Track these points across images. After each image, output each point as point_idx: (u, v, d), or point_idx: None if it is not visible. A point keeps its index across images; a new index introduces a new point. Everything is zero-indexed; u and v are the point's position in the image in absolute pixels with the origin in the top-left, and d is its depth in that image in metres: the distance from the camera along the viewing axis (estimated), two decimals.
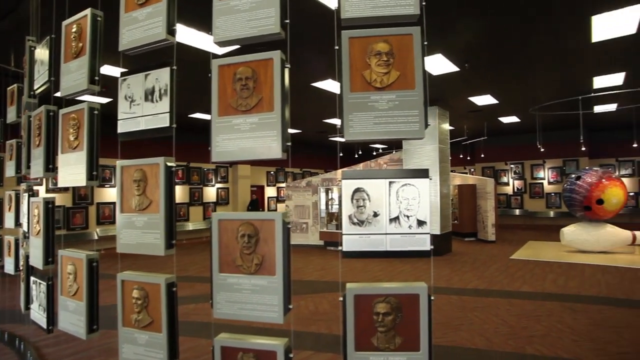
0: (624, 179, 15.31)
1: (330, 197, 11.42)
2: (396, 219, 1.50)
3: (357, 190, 1.52)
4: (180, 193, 12.92)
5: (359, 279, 7.18)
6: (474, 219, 12.17)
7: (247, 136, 1.58)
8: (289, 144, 1.55)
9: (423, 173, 1.53)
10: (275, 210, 16.66)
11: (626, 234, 9.14)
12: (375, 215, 1.50)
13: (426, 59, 5.77)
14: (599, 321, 4.78)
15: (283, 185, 16.68)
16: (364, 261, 8.82)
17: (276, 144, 1.53)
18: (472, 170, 17.69)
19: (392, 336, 1.40)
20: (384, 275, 7.54)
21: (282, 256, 1.46)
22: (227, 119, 1.63)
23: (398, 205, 1.51)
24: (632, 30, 5.76)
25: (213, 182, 14.16)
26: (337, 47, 1.54)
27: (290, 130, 2.15)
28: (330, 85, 8.40)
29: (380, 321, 1.40)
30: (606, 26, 5.60)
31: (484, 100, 9.93)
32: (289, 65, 1.62)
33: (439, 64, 7.09)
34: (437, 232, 9.49)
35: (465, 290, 6.32)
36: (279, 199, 16.84)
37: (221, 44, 1.70)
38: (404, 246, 1.48)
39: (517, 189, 16.05)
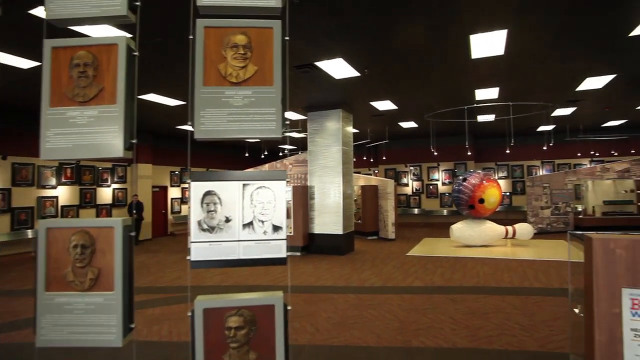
0: (501, 181, 17.36)
1: None
2: (250, 224, 1.40)
3: (208, 193, 1.39)
4: (69, 194, 11.54)
5: (257, 282, 7.04)
6: (376, 219, 12.77)
7: (84, 131, 1.36)
8: (134, 141, 1.37)
9: (280, 175, 1.45)
10: (179, 212, 15.77)
11: (501, 229, 10.32)
12: (227, 220, 1.38)
13: (327, 62, 5.82)
14: (474, 309, 5.26)
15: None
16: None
17: (118, 140, 1.34)
18: (376, 171, 18.60)
19: (246, 352, 1.31)
20: (284, 276, 7.50)
21: (122, 269, 1.28)
22: (61, 110, 1.39)
23: (252, 210, 1.40)
24: (501, 52, 6.48)
25: (109, 182, 12.92)
26: (191, 37, 1.40)
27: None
28: None
29: (232, 336, 1.30)
30: (482, 45, 6.21)
31: (385, 105, 10.46)
32: (136, 53, 1.44)
33: (340, 68, 7.26)
34: (340, 232, 9.74)
35: (362, 289, 6.54)
36: (183, 200, 15.97)
37: (57, 22, 1.45)
38: (258, 254, 1.39)
39: (416, 189, 17.26)
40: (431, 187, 17.08)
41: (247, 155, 17.55)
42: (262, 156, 18.63)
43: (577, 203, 13.80)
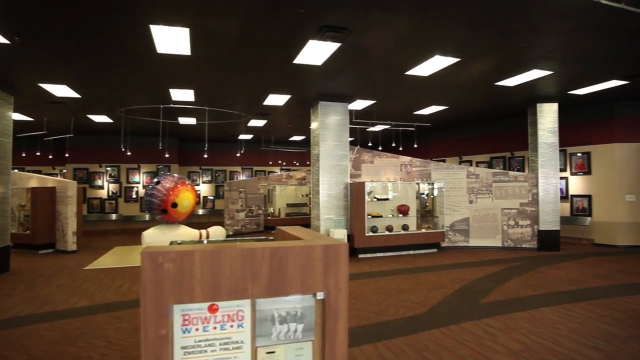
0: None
1: None
2: None
3: None
4: None
5: None
6: (52, 228, 10.51)
7: None
8: None
9: None
10: None
11: (195, 232, 10.36)
12: None
13: None
14: (138, 325, 4.76)
15: None
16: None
17: None
18: (64, 171, 15.63)
19: None
20: None
21: None
22: None
23: None
24: (187, 52, 6.36)
25: None
26: None
27: None
28: None
29: None
30: (166, 40, 5.87)
31: (62, 91, 8.67)
32: None
33: None
34: None
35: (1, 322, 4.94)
36: None
37: None
38: None
39: (113, 192, 15.47)
40: (130, 190, 15.71)
41: None
42: None
43: (269, 206, 15.67)
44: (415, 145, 13.45)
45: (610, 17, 5.22)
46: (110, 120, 12.16)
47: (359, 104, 10.46)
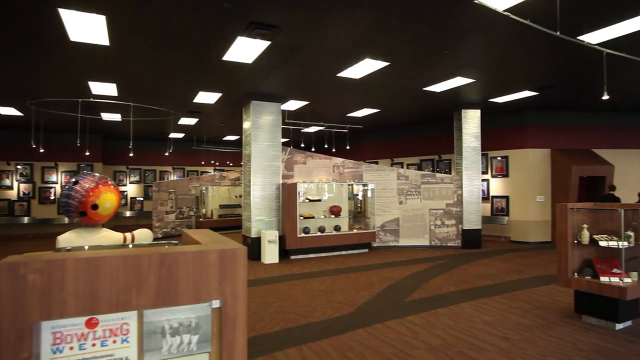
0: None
1: None
2: None
3: None
4: None
5: None
6: None
7: None
8: None
9: None
10: None
11: (119, 236, 9.66)
12: None
13: None
14: None
15: None
16: None
17: None
18: None
19: None
20: None
21: None
22: None
23: None
24: (105, 42, 5.89)
25: None
26: None
27: None
28: None
29: None
30: (80, 27, 5.39)
31: None
32: None
33: None
34: None
35: None
36: None
37: None
38: None
39: (24, 193, 14.02)
40: (47, 191, 14.34)
41: None
42: None
43: (201, 207, 15.09)
44: (348, 147, 13.70)
45: (521, 32, 5.65)
46: (20, 113, 11.01)
47: (292, 105, 10.42)
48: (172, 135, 15.64)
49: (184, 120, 12.64)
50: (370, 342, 4.26)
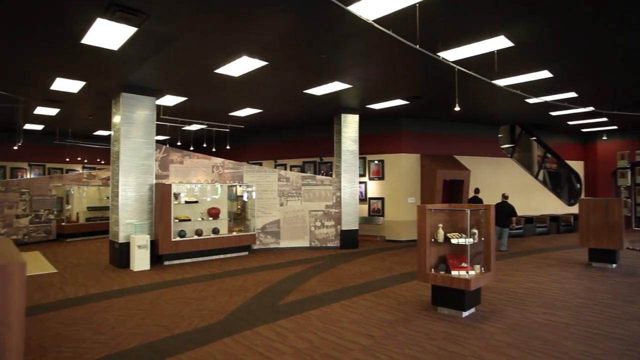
0: None
1: None
2: None
3: None
4: None
5: None
6: None
7: None
8: None
9: None
10: None
11: None
12: None
13: None
14: None
15: None
16: None
17: None
18: None
19: None
20: None
21: None
22: None
23: None
24: None
25: None
26: None
27: None
28: None
29: None
30: None
31: None
32: None
33: None
34: None
35: None
36: None
37: None
38: None
39: None
40: None
41: None
42: None
43: (65, 210, 13.20)
44: (228, 147, 13.30)
45: (388, 43, 5.99)
46: None
47: (170, 100, 9.69)
48: (28, 126, 13.44)
49: (41, 110, 10.94)
50: (236, 351, 4.05)
